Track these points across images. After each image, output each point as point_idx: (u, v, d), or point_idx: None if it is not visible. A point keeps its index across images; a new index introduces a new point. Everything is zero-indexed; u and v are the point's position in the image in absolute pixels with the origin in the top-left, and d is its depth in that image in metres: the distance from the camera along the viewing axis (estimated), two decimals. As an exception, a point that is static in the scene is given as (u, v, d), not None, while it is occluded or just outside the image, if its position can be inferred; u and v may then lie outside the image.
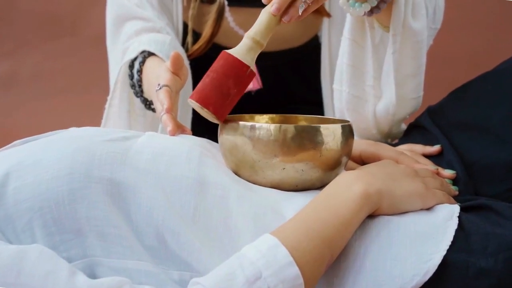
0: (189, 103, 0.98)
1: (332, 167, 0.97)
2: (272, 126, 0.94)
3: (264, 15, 0.97)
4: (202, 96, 0.96)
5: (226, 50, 0.98)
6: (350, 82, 1.20)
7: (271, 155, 0.95)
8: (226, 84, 0.96)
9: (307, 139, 0.94)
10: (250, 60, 0.97)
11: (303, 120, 1.11)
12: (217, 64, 0.97)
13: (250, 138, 0.95)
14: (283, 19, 0.97)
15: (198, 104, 0.96)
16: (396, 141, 1.26)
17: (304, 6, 0.96)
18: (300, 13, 0.97)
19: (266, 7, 0.98)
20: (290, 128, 0.94)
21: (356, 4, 1.06)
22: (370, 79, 1.18)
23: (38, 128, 1.53)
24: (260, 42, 0.97)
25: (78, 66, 2.34)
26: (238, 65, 0.96)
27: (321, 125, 0.95)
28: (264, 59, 1.46)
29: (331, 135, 0.95)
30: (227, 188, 0.94)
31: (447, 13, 1.28)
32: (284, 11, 0.97)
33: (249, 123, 0.96)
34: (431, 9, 1.18)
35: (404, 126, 1.27)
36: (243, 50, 0.97)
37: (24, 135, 1.09)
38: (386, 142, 1.26)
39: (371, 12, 1.07)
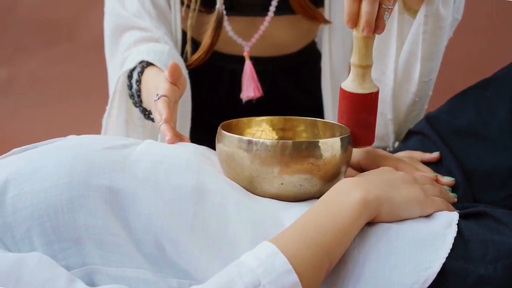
0: None
1: (331, 179, 0.97)
2: (269, 142, 0.94)
3: (359, 41, 0.99)
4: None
5: (344, 87, 1.02)
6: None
7: (268, 171, 0.94)
8: (361, 119, 1.02)
9: (306, 155, 0.93)
10: (369, 85, 1.01)
11: (302, 123, 1.10)
12: (344, 105, 1.02)
13: (247, 153, 0.95)
14: (375, 33, 0.99)
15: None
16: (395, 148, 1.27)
17: (388, 14, 0.98)
18: (387, 21, 0.98)
19: (355, 32, 0.99)
20: (287, 144, 0.93)
21: None
22: (392, 64, 1.20)
23: (36, 134, 1.53)
24: (368, 64, 1.01)
25: (75, 72, 2.34)
26: (361, 99, 1.01)
27: (320, 140, 0.95)
28: (261, 65, 1.47)
29: (329, 149, 0.95)
30: (225, 196, 0.93)
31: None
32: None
33: (246, 138, 0.95)
34: None
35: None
36: (359, 81, 1.01)
37: (22, 141, 1.09)
38: (386, 149, 1.27)
39: None
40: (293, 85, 1.55)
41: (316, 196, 0.97)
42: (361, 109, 1.01)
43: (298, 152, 0.93)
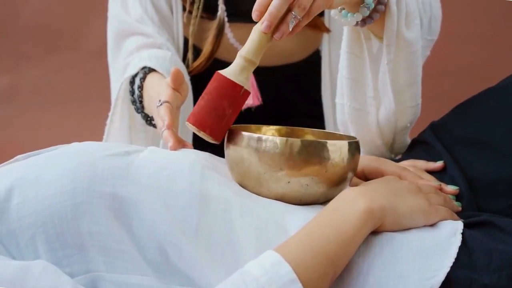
0: (187, 125, 0.99)
1: (337, 183, 0.97)
2: (278, 139, 0.94)
3: (255, 33, 0.97)
4: (199, 119, 0.98)
5: (220, 71, 0.98)
6: (351, 95, 1.20)
7: (276, 168, 0.94)
8: (221, 106, 0.97)
9: (313, 154, 0.94)
10: (243, 80, 0.98)
11: (310, 133, 1.10)
12: (211, 86, 0.98)
13: (256, 150, 0.95)
14: (274, 37, 0.96)
15: (194, 127, 0.98)
16: (399, 156, 1.26)
17: (294, 21, 0.95)
18: (290, 29, 0.96)
19: (257, 25, 0.97)
20: (296, 142, 0.94)
21: (348, 14, 1.05)
22: (371, 91, 1.18)
23: (38, 141, 1.53)
24: (253, 60, 0.97)
25: (78, 79, 2.35)
26: (231, 86, 0.97)
27: (328, 141, 0.95)
28: (264, 74, 1.47)
29: (337, 151, 0.95)
30: (229, 202, 0.93)
31: (447, 26, 1.28)
32: (275, 28, 0.96)
33: (255, 135, 0.96)
34: (426, 19, 1.18)
35: (408, 140, 1.26)
36: (236, 70, 0.97)
37: (25, 148, 1.09)
38: (390, 158, 1.26)
39: (364, 22, 1.06)
40: (295, 93, 1.55)
41: (321, 200, 0.97)
42: (225, 95, 0.97)
43: (306, 151, 0.94)
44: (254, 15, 0.96)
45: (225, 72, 0.98)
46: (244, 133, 0.97)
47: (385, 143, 1.24)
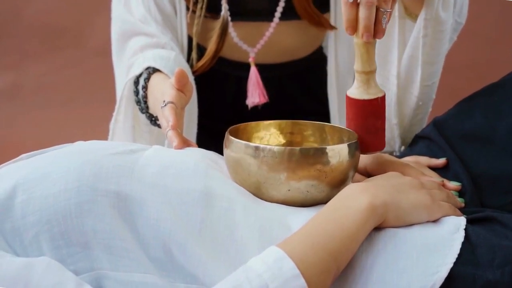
0: None
1: (338, 185, 0.96)
2: (276, 148, 0.94)
3: (360, 47, 1.00)
4: (359, 145, 1.01)
5: (350, 95, 1.02)
6: None
7: (275, 178, 0.94)
8: (369, 124, 1.02)
9: (313, 161, 0.93)
10: (374, 91, 1.02)
11: (310, 127, 1.10)
12: (351, 111, 1.03)
13: (254, 158, 0.94)
14: (376, 38, 0.99)
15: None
16: (402, 151, 1.26)
17: (386, 16, 0.98)
18: (385, 26, 0.98)
19: (355, 40, 1.00)
20: (295, 150, 0.93)
21: None
22: (394, 69, 1.21)
23: (41, 139, 1.54)
24: (371, 70, 1.01)
25: (81, 78, 2.35)
26: (368, 104, 1.01)
27: (327, 147, 0.94)
28: (268, 71, 1.47)
29: (336, 156, 0.95)
30: (233, 201, 0.94)
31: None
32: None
33: (253, 144, 0.95)
34: (459, 1, 1.20)
35: (424, 124, 1.27)
36: (364, 87, 1.01)
37: (28, 146, 1.09)
38: (393, 153, 1.27)
39: None
40: (299, 90, 1.55)
41: (324, 202, 0.96)
42: (368, 114, 1.02)
43: (305, 159, 0.93)
44: (348, 32, 0.98)
45: (354, 94, 1.02)
46: (241, 141, 0.96)
47: (399, 122, 1.25)
